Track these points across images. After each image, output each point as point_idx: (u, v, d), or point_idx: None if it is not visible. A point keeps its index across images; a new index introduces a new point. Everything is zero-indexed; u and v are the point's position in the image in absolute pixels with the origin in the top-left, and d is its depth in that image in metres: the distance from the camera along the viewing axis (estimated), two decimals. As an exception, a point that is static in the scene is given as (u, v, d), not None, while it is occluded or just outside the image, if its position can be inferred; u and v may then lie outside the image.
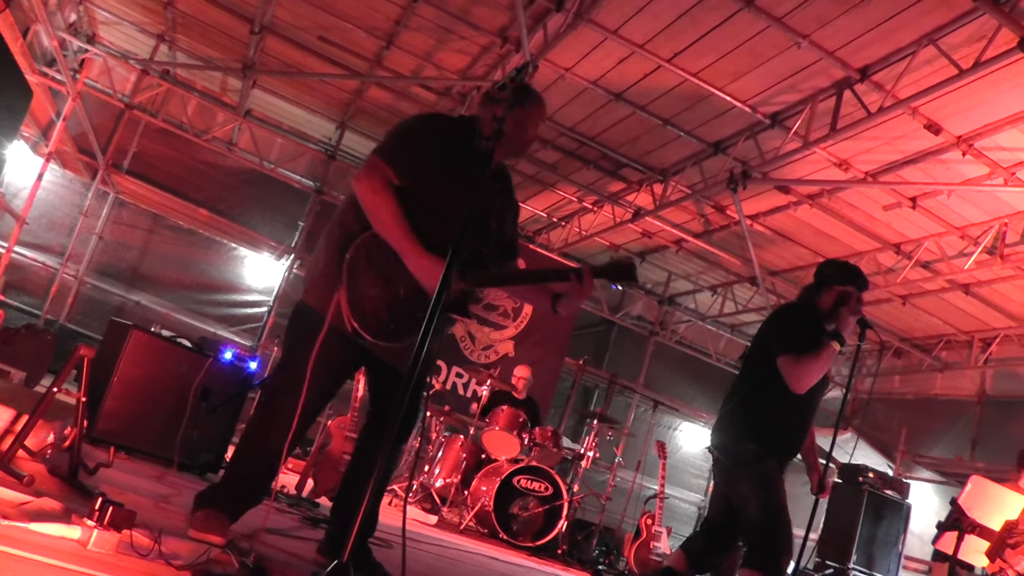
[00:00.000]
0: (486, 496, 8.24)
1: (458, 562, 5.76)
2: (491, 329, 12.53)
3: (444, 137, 3.69)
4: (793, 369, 4.32)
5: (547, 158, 10.73)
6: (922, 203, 9.12)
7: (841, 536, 9.55)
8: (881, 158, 8.59)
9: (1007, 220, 8.95)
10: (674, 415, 14.66)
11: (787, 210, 10.14)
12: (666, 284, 14.09)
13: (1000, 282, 10.31)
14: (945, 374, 12.91)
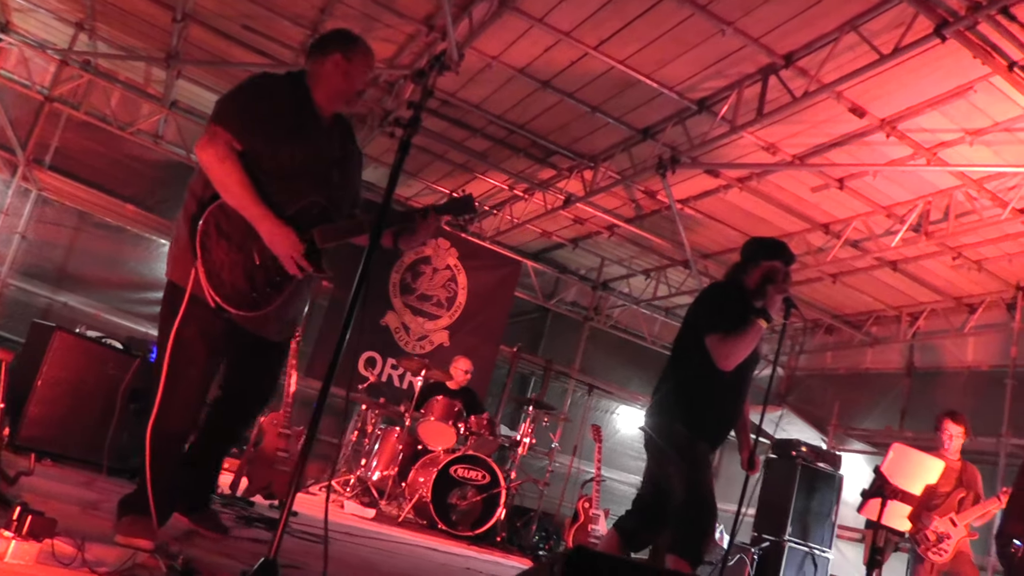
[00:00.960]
0: (424, 487, 8.25)
1: (395, 554, 5.75)
2: (425, 319, 12.50)
3: (279, 97, 3.69)
4: (720, 347, 4.35)
5: (477, 146, 10.70)
6: (849, 184, 9.30)
7: (776, 510, 9.72)
8: (808, 141, 8.72)
9: (930, 199, 9.16)
10: (611, 399, 14.77)
11: (717, 194, 10.25)
12: (599, 269, 14.15)
13: (925, 258, 10.55)
14: (875, 348, 13.22)
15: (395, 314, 12.29)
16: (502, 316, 13.12)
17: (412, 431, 8.95)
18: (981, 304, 11.31)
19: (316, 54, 3.80)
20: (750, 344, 4.37)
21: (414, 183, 12.44)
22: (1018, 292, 10.55)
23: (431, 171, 11.91)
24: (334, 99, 3.80)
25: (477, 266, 12.89)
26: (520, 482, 9.09)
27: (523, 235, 13.17)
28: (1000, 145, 7.90)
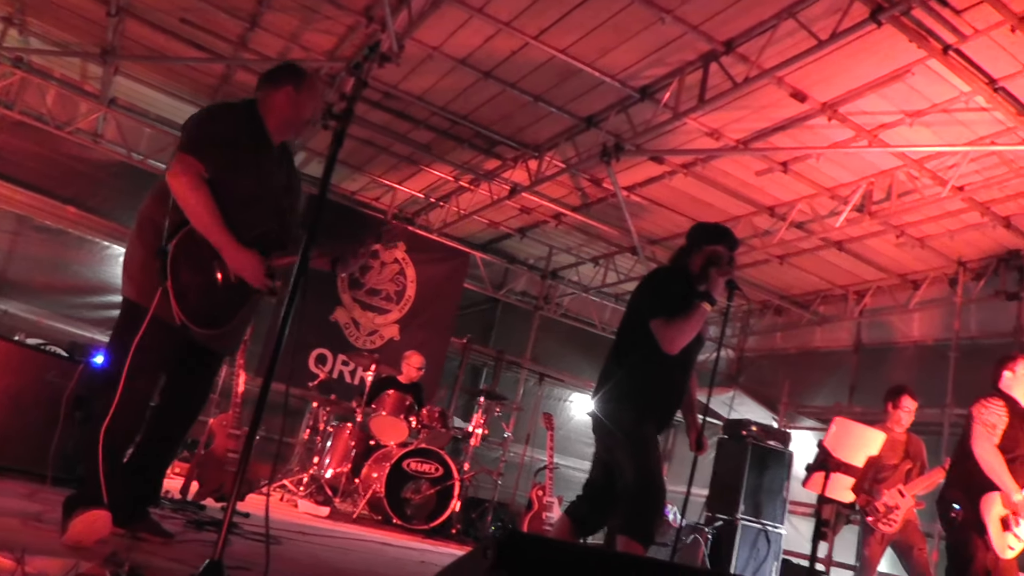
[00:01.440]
0: (377, 482, 8.21)
1: (349, 551, 5.72)
2: (375, 314, 12.45)
3: (239, 126, 3.92)
4: (665, 331, 4.37)
5: (420, 138, 10.64)
6: (793, 167, 9.41)
7: (728, 489, 9.82)
8: (751, 126, 8.79)
9: (873, 179, 9.31)
10: (563, 386, 14.81)
11: (662, 180, 10.31)
12: (548, 258, 14.15)
13: (870, 237, 10.72)
14: (823, 327, 13.41)
15: (344, 310, 12.23)
16: (452, 308, 13.11)
17: (364, 427, 8.91)
18: (925, 280, 11.55)
19: (268, 86, 4.08)
20: (694, 327, 4.40)
21: (359, 177, 12.36)
22: (960, 267, 10.75)
23: (376, 164, 11.83)
24: (285, 128, 4.10)
25: (425, 259, 12.86)
26: (473, 473, 9.08)
27: (470, 226, 13.14)
28: (939, 126, 8.03)
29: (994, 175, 8.57)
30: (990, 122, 7.75)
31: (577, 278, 14.64)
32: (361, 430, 8.90)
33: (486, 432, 9.23)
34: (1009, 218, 9.45)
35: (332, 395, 9.51)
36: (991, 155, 8.21)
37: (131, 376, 3.58)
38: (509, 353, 14.31)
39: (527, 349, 14.36)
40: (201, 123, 3.87)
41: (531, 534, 6.25)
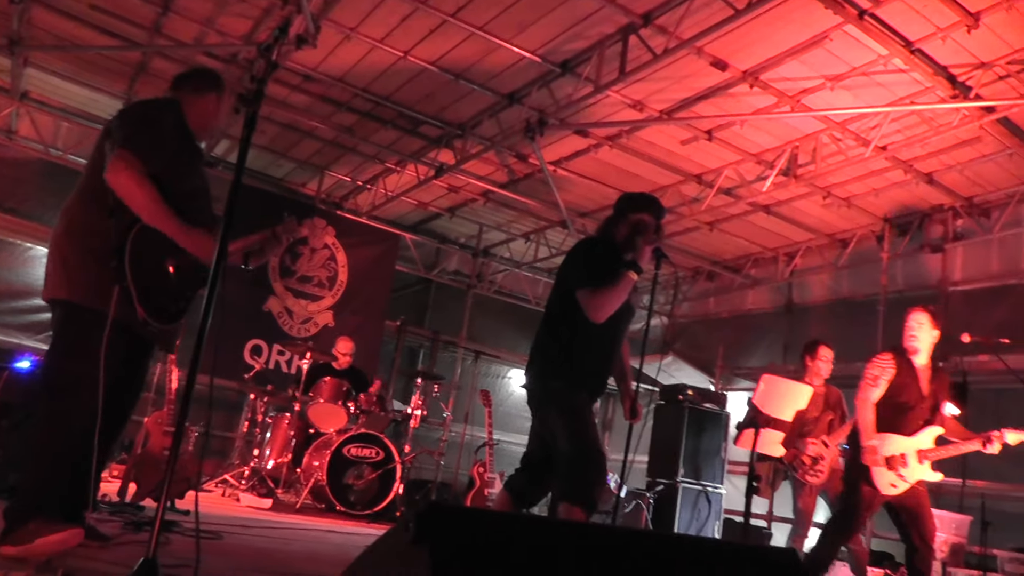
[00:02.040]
0: (318, 471, 8.18)
1: (292, 541, 5.70)
2: (308, 301, 12.34)
3: (172, 123, 3.96)
4: (591, 300, 4.39)
5: (344, 121, 10.52)
6: (717, 135, 9.52)
7: (667, 453, 9.99)
8: (673, 96, 8.85)
9: (797, 143, 9.48)
10: (501, 363, 14.85)
11: (588, 153, 10.34)
12: (478, 236, 14.13)
13: (797, 200, 10.94)
14: (755, 290, 13.68)
15: (277, 299, 12.10)
16: (385, 291, 13.05)
17: (302, 415, 8.84)
18: (852, 239, 11.85)
19: (191, 91, 4.13)
20: (620, 296, 4.41)
21: (285, 163, 12.20)
22: (886, 224, 11.10)
23: (300, 149, 11.67)
24: (204, 131, 4.21)
25: (355, 243, 12.76)
26: (414, 455, 9.08)
27: (399, 208, 13.06)
28: (859, 88, 8.19)
29: (915, 134, 8.78)
30: (909, 83, 7.93)
31: (509, 255, 14.64)
32: (300, 419, 8.84)
33: (425, 413, 9.21)
34: (931, 174, 9.72)
35: (269, 386, 9.40)
36: (911, 114, 8.41)
37: (98, 381, 3.56)
38: (445, 333, 14.29)
39: (462, 328, 14.36)
40: (137, 120, 3.88)
41: (451, 505, 6.26)
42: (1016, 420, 8.98)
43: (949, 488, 9.71)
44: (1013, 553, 7.99)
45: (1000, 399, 9.50)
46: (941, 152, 9.18)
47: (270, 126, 10.89)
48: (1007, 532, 8.37)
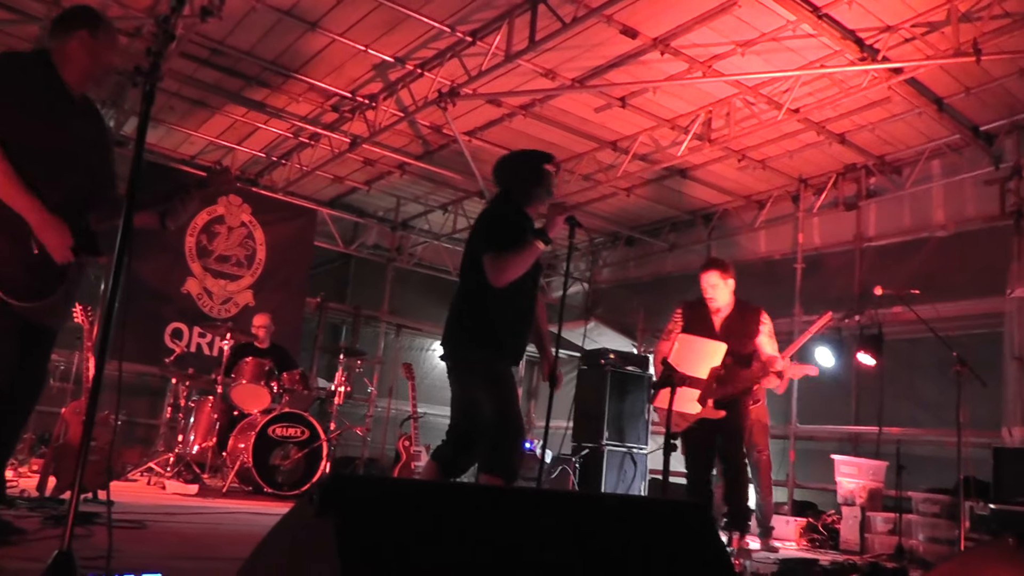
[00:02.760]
0: (244, 453, 8.08)
1: (219, 525, 5.63)
2: (227, 281, 12.15)
3: (29, 78, 3.64)
4: (494, 265, 4.37)
5: (255, 95, 10.32)
6: (631, 102, 9.61)
7: (591, 417, 10.08)
8: (585, 64, 8.88)
9: (711, 108, 9.63)
10: (423, 336, 14.81)
11: (502, 122, 10.36)
12: (396, 209, 14.06)
13: (712, 163, 11.14)
14: (674, 253, 13.89)
15: (196, 280, 11.89)
16: (304, 268, 12.92)
17: (225, 398, 8.72)
18: (769, 199, 12.14)
19: (59, 33, 3.73)
20: (524, 263, 4.40)
21: (197, 139, 11.94)
22: (801, 184, 11.41)
23: (212, 125, 11.42)
24: (83, 78, 3.77)
25: (272, 220, 12.59)
26: (339, 432, 9.00)
27: (315, 183, 12.92)
28: (770, 53, 8.33)
29: (827, 96, 8.95)
30: (818, 47, 8.08)
31: (428, 227, 14.60)
32: (223, 401, 8.71)
33: (349, 390, 9.17)
34: (844, 135, 9.98)
35: (190, 369, 9.24)
36: (821, 78, 8.59)
37: None
38: (366, 308, 14.21)
39: (384, 302, 14.29)
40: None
41: (355, 475, 6.23)
42: (930, 369, 9.34)
43: (867, 436, 10.01)
44: (926, 494, 8.27)
45: (915, 349, 9.77)
46: (852, 113, 9.42)
47: (178, 102, 10.65)
48: (921, 474, 8.66)
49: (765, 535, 7.64)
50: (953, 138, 9.71)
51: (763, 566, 5.51)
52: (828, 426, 10.86)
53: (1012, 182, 9.43)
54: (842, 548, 8.59)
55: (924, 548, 7.96)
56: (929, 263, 10.22)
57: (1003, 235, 9.43)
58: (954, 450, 7.32)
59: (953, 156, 10.02)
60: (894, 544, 7.86)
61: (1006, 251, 9.30)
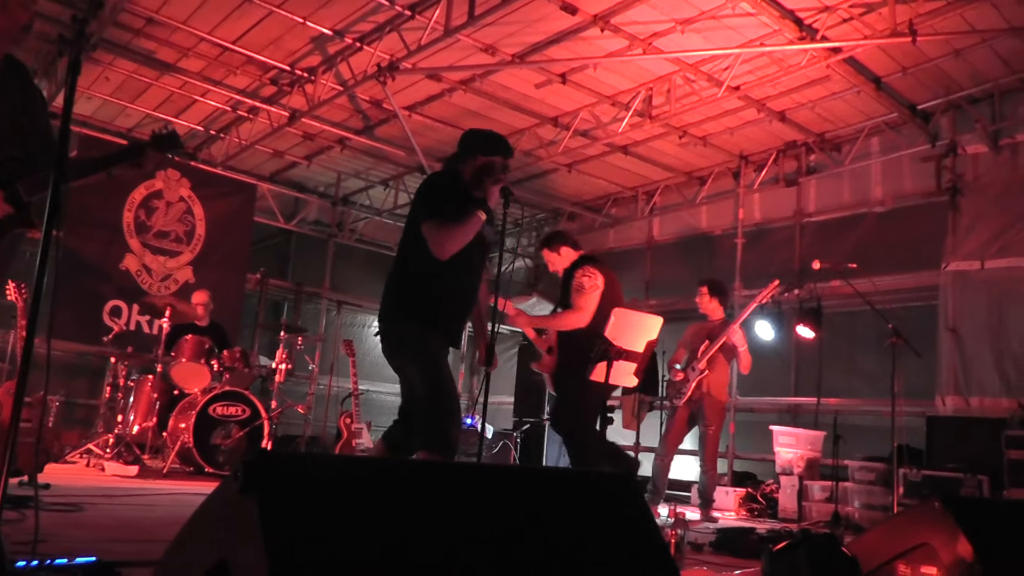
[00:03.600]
0: (185, 433, 7.99)
1: (157, 507, 5.58)
2: (166, 257, 11.94)
3: None
4: (436, 235, 4.28)
5: (191, 67, 10.12)
6: (571, 78, 9.60)
7: (532, 393, 10.13)
8: (525, 40, 8.86)
9: (651, 85, 9.67)
10: (365, 312, 14.72)
11: (442, 97, 10.29)
12: (337, 184, 13.95)
13: (654, 140, 11.20)
14: (616, 228, 14.00)
15: (134, 256, 11.66)
16: (244, 244, 12.73)
17: (165, 377, 8.59)
18: (710, 176, 12.25)
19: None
20: (467, 234, 4.31)
21: (133, 112, 11.69)
22: (742, 161, 11.57)
23: (148, 98, 11.17)
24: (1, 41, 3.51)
25: (212, 195, 12.38)
26: (280, 410, 8.93)
27: (255, 157, 12.77)
28: (709, 31, 8.38)
29: (766, 74, 9.06)
30: (757, 25, 8.15)
31: (369, 202, 14.49)
32: (163, 381, 8.59)
33: (291, 367, 9.08)
34: (784, 112, 10.10)
35: (129, 348, 9.09)
36: (761, 56, 8.68)
37: None
38: (308, 284, 14.10)
39: (325, 278, 14.20)
40: None
41: (281, 452, 6.20)
42: (867, 341, 9.51)
43: (806, 407, 10.19)
44: (862, 462, 8.47)
45: (853, 321, 9.96)
46: (792, 91, 9.53)
47: (114, 74, 10.42)
48: (858, 443, 8.88)
49: (706, 506, 7.76)
50: (891, 116, 9.88)
51: (701, 535, 5.58)
52: (768, 398, 11.04)
53: (948, 159, 9.64)
54: (780, 516, 8.77)
55: (859, 514, 8.16)
56: (867, 238, 10.42)
57: (939, 210, 9.66)
58: (890, 419, 7.48)
59: (891, 134, 10.21)
60: (831, 511, 8.03)
61: (941, 226, 9.53)
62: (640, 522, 1.70)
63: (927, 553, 2.88)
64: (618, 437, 11.46)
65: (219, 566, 1.37)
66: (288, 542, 1.24)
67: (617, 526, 1.67)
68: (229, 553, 1.35)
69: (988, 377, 8.83)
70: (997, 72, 8.89)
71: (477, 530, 1.48)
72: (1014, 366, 8.68)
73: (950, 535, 2.82)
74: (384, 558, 1.32)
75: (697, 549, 5.09)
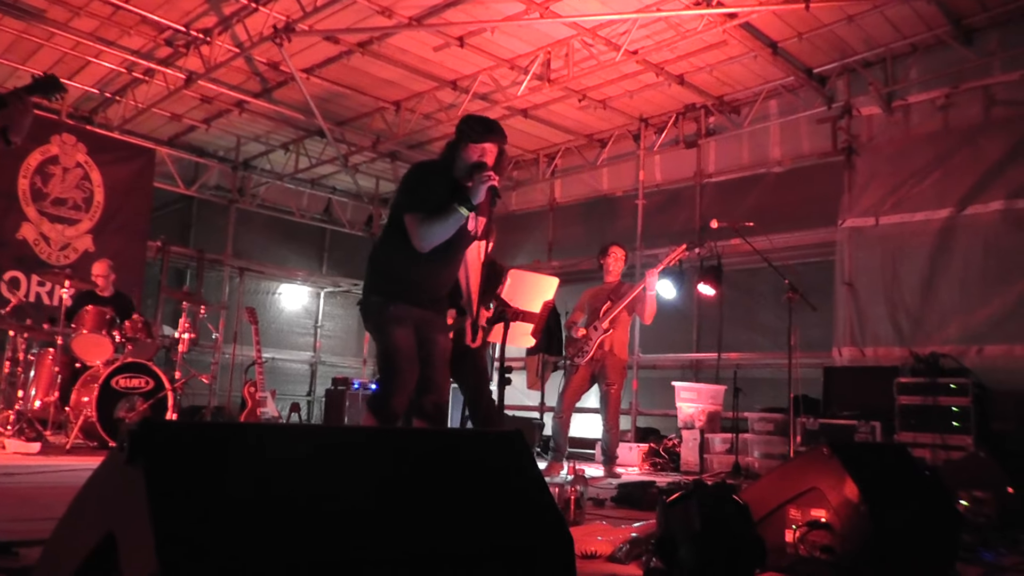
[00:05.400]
0: (88, 407, 7.81)
1: (60, 484, 5.44)
2: (64, 226, 11.59)
3: None
4: (417, 228, 4.31)
5: (83, 26, 9.78)
6: (469, 41, 9.62)
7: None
8: (423, 3, 8.86)
9: (550, 49, 9.73)
10: (269, 279, 14.58)
11: (340, 60, 10.21)
12: (237, 148, 13.69)
13: (553, 103, 11.32)
14: (519, 191, 14.16)
15: (31, 225, 11.28)
16: (144, 210, 12.42)
17: (66, 349, 8.34)
18: (611, 138, 12.42)
19: None
20: (448, 229, 4.32)
21: (23, 74, 11.25)
22: (642, 124, 11.72)
23: (39, 58, 10.77)
24: None
25: (109, 160, 12.04)
26: (184, 381, 8.79)
27: (152, 121, 12.48)
28: (606, -5, 8.46)
29: (664, 39, 9.20)
30: (654, -10, 8.24)
31: (269, 166, 14.29)
32: (64, 353, 8.33)
33: (194, 336, 8.93)
34: (682, 76, 10.29)
35: (28, 320, 8.83)
36: (658, 21, 8.79)
37: None
38: (210, 251, 13.86)
39: (227, 245, 14.00)
40: None
41: (167, 421, 6.15)
42: (766, 297, 9.77)
43: (708, 363, 10.43)
44: (761, 414, 8.77)
45: (753, 278, 10.22)
46: (690, 55, 9.72)
47: (2, 33, 10.08)
48: (758, 396, 9.17)
49: (609, 463, 7.90)
50: (788, 80, 10.13)
51: (603, 491, 5.71)
52: (670, 355, 11.28)
53: (843, 121, 9.98)
54: (683, 470, 9.00)
55: (759, 464, 8.43)
56: (766, 197, 10.70)
57: (835, 170, 10.02)
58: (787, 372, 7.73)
59: (789, 96, 10.48)
60: (732, 462, 8.27)
61: (838, 185, 9.88)
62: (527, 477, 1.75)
63: (816, 497, 3.00)
64: (522, 397, 11.63)
65: (107, 539, 1.38)
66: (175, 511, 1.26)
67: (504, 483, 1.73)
68: (117, 525, 1.36)
69: (882, 328, 9.19)
70: (889, 37, 9.16)
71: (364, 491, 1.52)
72: (907, 317, 9.03)
73: (838, 478, 2.95)
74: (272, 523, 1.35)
75: (599, 504, 5.20)
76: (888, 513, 2.89)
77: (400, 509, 1.50)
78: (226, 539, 1.28)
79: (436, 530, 1.53)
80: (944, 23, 8.76)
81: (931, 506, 3.23)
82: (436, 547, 1.51)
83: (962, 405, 7.59)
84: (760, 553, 2.81)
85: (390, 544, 1.45)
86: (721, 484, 3.19)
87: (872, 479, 2.96)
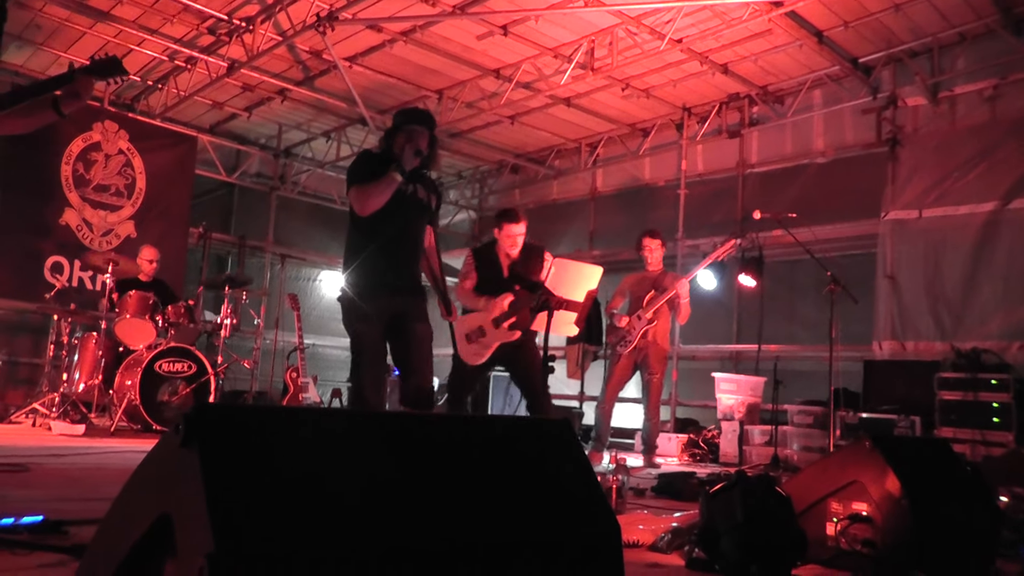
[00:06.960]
0: (131, 390, 7.92)
1: (105, 466, 5.53)
2: (107, 212, 11.71)
3: None
4: (357, 196, 4.59)
5: (126, 14, 9.87)
6: (513, 30, 9.58)
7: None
8: (466, -9, 8.85)
9: (594, 37, 9.71)
10: (309, 266, 14.67)
11: (383, 49, 10.22)
12: (279, 136, 13.77)
13: (596, 92, 11.24)
14: (560, 180, 14.09)
15: (74, 211, 11.40)
16: (185, 197, 12.52)
17: (110, 334, 8.46)
18: (653, 128, 12.34)
19: None
20: (384, 192, 4.52)
21: (65, 61, 11.33)
22: (685, 113, 11.67)
23: (82, 46, 10.84)
24: None
25: (151, 147, 12.14)
26: (226, 365, 8.88)
27: (194, 109, 12.59)
28: (652, -17, 8.39)
29: (709, 27, 9.14)
30: (699, -22, 8.16)
31: (311, 154, 14.37)
32: (107, 338, 8.45)
33: (236, 322, 9.03)
34: (727, 65, 10.20)
35: (72, 305, 8.96)
36: (703, 9, 8.71)
37: None
38: (251, 238, 13.98)
39: (268, 232, 14.10)
40: None
41: (221, 404, 6.23)
42: (807, 289, 9.69)
43: (747, 354, 10.36)
44: (800, 406, 8.69)
45: (794, 270, 10.13)
46: (734, 44, 9.63)
47: (45, 22, 10.17)
48: (797, 388, 9.09)
49: (648, 452, 7.89)
50: (833, 69, 10.01)
51: (643, 481, 5.70)
52: (710, 346, 11.23)
53: (888, 111, 9.84)
54: (722, 461, 8.97)
55: (798, 456, 8.37)
56: (809, 188, 10.60)
57: (879, 161, 9.89)
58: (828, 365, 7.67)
59: (833, 86, 10.35)
60: (770, 454, 8.22)
61: (881, 176, 9.75)
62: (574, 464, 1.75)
63: (857, 490, 2.99)
64: (562, 387, 11.63)
65: (161, 519, 1.39)
66: (230, 492, 1.27)
67: (553, 471, 1.73)
68: (172, 507, 1.38)
69: (923, 322, 9.09)
70: (936, 26, 9.03)
71: (418, 478, 1.52)
72: (948, 311, 8.93)
73: (879, 472, 2.93)
74: (324, 507, 1.36)
75: (639, 494, 5.20)
76: (929, 508, 2.87)
77: (450, 497, 1.50)
78: (279, 521, 1.29)
79: (486, 518, 1.53)
80: (993, 11, 8.62)
81: (972, 502, 3.20)
82: (486, 536, 1.51)
83: (1003, 401, 7.50)
84: (802, 546, 2.81)
85: (441, 532, 1.45)
86: (763, 476, 3.17)
87: (913, 473, 2.94)
